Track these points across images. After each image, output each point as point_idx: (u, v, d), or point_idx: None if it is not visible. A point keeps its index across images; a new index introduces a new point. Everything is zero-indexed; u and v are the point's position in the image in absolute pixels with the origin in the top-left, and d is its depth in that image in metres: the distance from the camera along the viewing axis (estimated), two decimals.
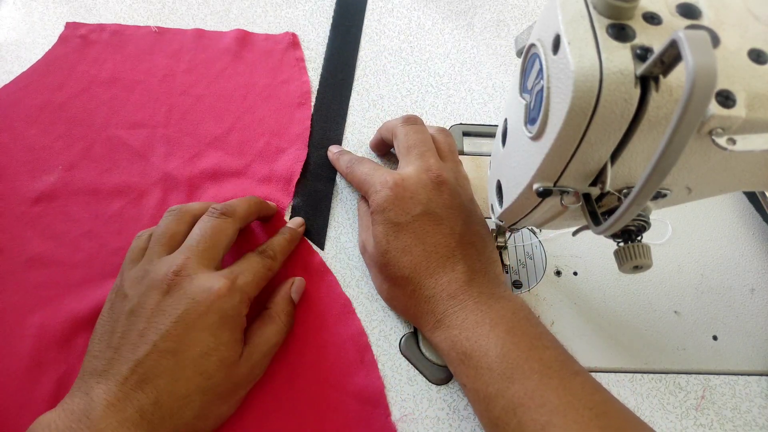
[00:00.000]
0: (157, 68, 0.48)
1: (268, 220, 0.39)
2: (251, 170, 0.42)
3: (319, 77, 0.49)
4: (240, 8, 0.52)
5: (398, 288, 0.34)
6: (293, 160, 0.43)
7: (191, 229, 0.33)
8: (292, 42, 0.50)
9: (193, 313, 0.29)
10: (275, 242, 0.36)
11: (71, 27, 0.50)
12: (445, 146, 0.39)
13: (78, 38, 0.49)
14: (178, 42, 0.49)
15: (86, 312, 0.35)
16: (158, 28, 0.50)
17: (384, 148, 0.43)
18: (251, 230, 0.39)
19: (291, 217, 0.40)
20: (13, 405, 0.32)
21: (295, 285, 0.35)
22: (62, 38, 0.49)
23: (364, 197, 0.38)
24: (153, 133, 0.44)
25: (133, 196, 0.41)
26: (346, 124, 0.46)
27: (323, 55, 0.50)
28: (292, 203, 0.41)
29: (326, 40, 0.51)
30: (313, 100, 0.47)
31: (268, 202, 0.39)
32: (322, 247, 0.39)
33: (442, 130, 0.40)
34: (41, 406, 0.32)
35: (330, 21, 0.52)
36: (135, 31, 0.50)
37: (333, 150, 0.42)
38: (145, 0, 0.53)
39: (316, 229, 0.40)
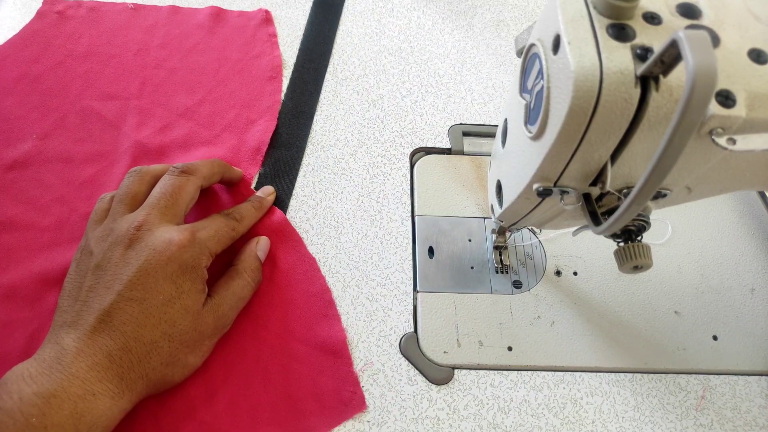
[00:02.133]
0: (132, 43, 0.49)
1: (233, 184, 0.40)
2: (221, 140, 0.44)
3: (297, 51, 0.50)
4: None
5: None
6: (262, 131, 0.44)
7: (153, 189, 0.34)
8: (265, 18, 0.52)
9: (154, 262, 0.30)
10: (243, 207, 0.37)
11: (49, 3, 0.51)
12: None
13: (55, 14, 0.51)
14: (153, 18, 0.51)
15: (56, 272, 0.36)
16: (134, 4, 0.52)
17: None
18: (218, 198, 0.40)
19: (258, 185, 0.41)
20: None
21: (260, 243, 0.37)
22: (39, 13, 0.51)
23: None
24: (126, 104, 0.45)
25: (105, 164, 0.42)
26: (344, 125, 0.46)
27: (303, 30, 0.52)
28: (259, 171, 0.42)
29: (307, 16, 0.53)
30: (289, 73, 0.48)
31: (234, 167, 0.40)
32: (285, 211, 0.40)
33: None
34: (14, 361, 0.33)
35: None
36: (111, 8, 0.51)
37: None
38: None
39: (282, 195, 0.41)
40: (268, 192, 0.40)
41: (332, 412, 0.32)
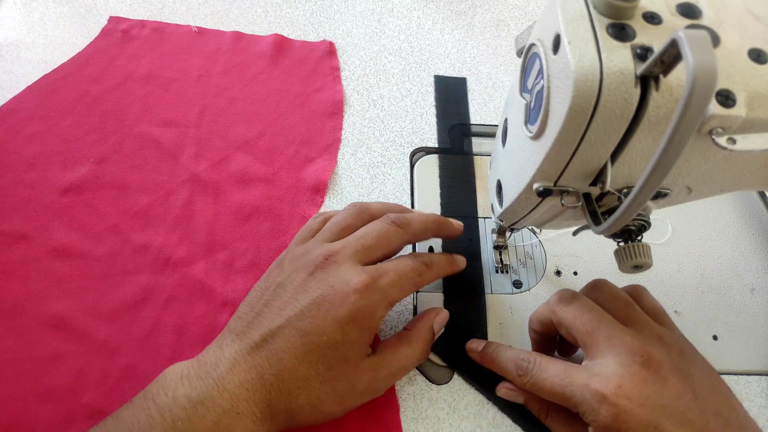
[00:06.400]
0: (193, 68, 0.48)
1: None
2: (279, 177, 0.42)
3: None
4: (281, 14, 0.53)
5: None
6: (321, 170, 0.43)
7: None
8: (329, 50, 0.50)
9: (327, 300, 0.28)
10: (435, 255, 0.34)
11: (114, 21, 0.51)
12: (628, 305, 0.30)
13: (119, 33, 0.50)
14: (215, 43, 0.50)
15: (106, 306, 0.36)
16: (198, 28, 0.51)
17: (546, 342, 0.34)
18: None
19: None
20: (18, 394, 0.32)
21: (440, 315, 0.34)
22: (104, 32, 0.50)
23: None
24: (184, 132, 0.44)
25: (161, 194, 0.41)
26: (344, 125, 0.46)
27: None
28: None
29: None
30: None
31: (452, 220, 0.36)
32: None
33: (596, 285, 0.32)
34: (58, 399, 0.32)
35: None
36: (175, 30, 0.51)
37: (474, 347, 0.34)
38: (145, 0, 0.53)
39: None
40: (461, 258, 0.36)
41: None
